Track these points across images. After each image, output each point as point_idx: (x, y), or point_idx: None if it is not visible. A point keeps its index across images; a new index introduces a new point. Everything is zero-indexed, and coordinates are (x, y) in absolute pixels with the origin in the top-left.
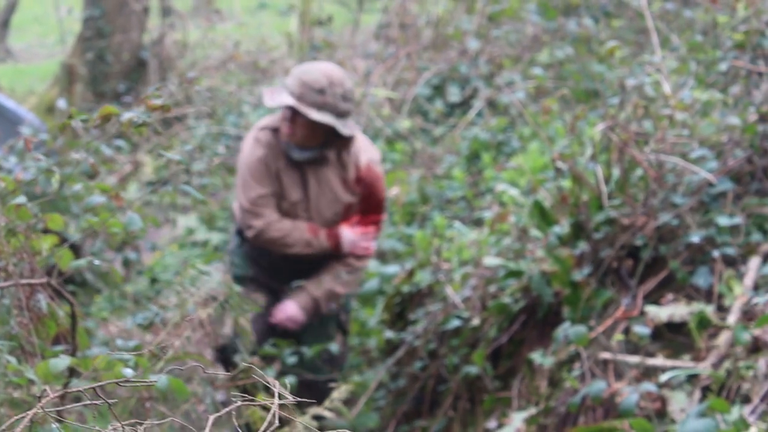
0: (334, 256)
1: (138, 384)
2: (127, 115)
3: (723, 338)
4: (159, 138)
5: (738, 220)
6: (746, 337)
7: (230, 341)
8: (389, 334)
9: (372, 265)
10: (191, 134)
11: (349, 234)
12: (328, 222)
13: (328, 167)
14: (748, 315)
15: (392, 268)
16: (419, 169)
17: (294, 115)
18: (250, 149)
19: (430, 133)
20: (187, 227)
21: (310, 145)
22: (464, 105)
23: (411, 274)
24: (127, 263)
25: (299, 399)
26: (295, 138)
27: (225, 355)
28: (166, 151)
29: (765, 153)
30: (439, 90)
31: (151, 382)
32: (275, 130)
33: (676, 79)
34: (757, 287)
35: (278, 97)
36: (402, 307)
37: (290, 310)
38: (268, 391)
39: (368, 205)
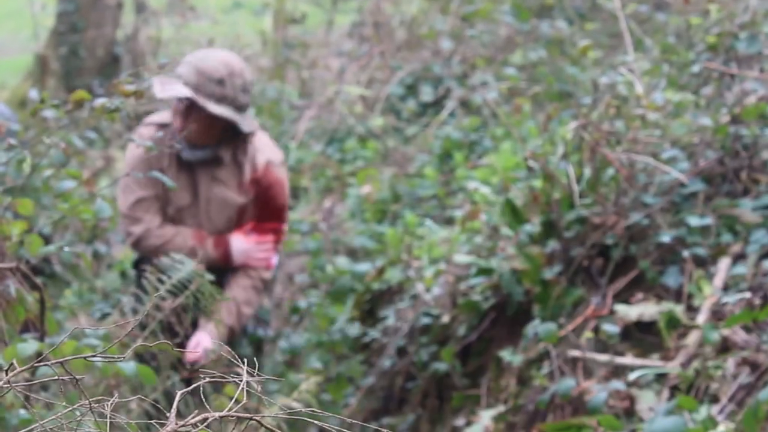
0: (230, 269)
1: (106, 360)
2: (99, 101)
3: (692, 338)
4: (130, 133)
5: (708, 220)
6: (715, 336)
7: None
8: (357, 330)
9: (343, 262)
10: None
11: (241, 242)
12: (220, 229)
13: (222, 168)
14: (718, 315)
15: (364, 266)
16: (391, 167)
17: (188, 108)
18: (132, 147)
19: (403, 132)
20: None
21: (205, 142)
22: (437, 105)
23: (381, 271)
24: (97, 256)
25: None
26: (188, 135)
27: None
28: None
29: (736, 155)
30: (412, 89)
31: (117, 358)
32: (162, 126)
33: (648, 80)
34: (726, 288)
35: (171, 88)
36: (372, 304)
37: (205, 340)
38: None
39: (265, 210)
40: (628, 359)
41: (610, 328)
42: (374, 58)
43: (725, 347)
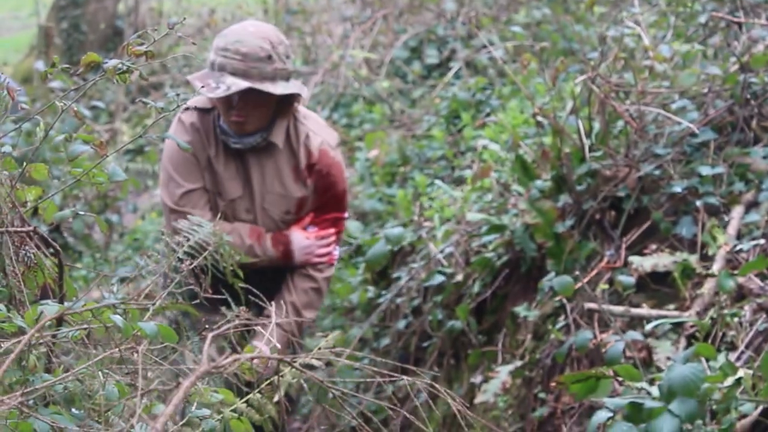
0: (289, 268)
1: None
2: (111, 62)
3: (707, 287)
4: (135, 106)
5: (720, 169)
6: (731, 285)
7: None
8: (372, 292)
9: (355, 226)
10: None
11: (302, 239)
12: (278, 223)
13: (274, 154)
14: (732, 263)
15: (396, 230)
16: (398, 130)
17: (244, 96)
18: (172, 134)
19: (409, 95)
20: None
21: (257, 127)
22: (442, 66)
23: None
24: (108, 225)
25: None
26: (248, 125)
27: None
28: (143, 119)
29: (746, 103)
30: (416, 52)
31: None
32: (205, 111)
33: (655, 32)
34: (740, 236)
35: (223, 83)
36: (384, 266)
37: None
38: None
39: (325, 199)
40: (644, 310)
41: (626, 280)
42: (377, 22)
43: (741, 295)
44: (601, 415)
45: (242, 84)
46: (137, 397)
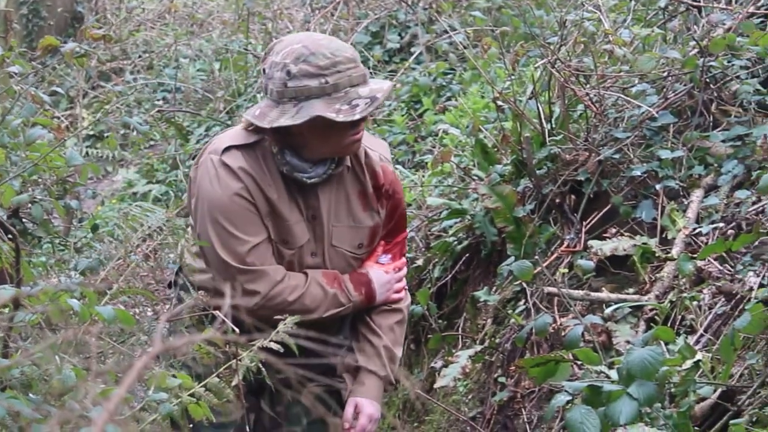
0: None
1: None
2: (69, 45)
3: (667, 270)
4: (96, 92)
5: (680, 153)
6: (690, 268)
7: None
8: None
9: None
10: (129, 87)
11: (381, 274)
12: (349, 261)
13: (337, 181)
14: (692, 247)
15: None
16: None
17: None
18: (216, 183)
19: None
20: (127, 180)
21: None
22: (403, 51)
23: None
24: (67, 210)
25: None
26: (355, 146)
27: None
28: (103, 105)
29: (706, 86)
30: (377, 37)
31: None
32: (249, 147)
33: (615, 16)
34: (699, 219)
35: (358, 98)
36: None
37: (370, 408)
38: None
39: (394, 222)
40: (603, 294)
41: (585, 264)
42: (338, 7)
43: (700, 278)
44: (560, 399)
45: (383, 86)
46: (91, 379)
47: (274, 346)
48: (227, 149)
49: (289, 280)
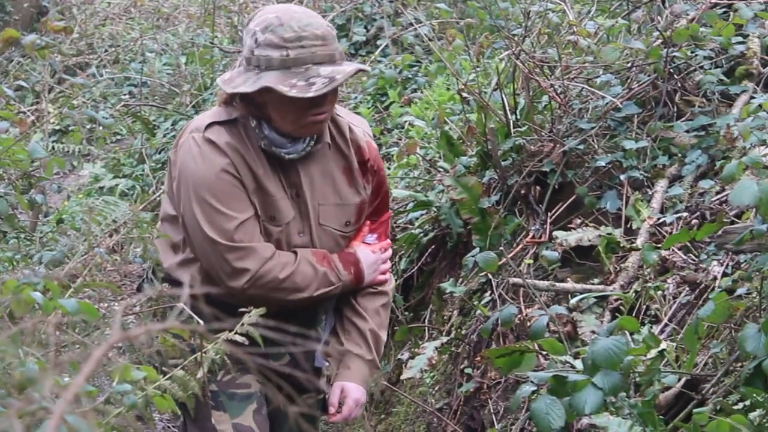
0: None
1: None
2: (29, 38)
3: (631, 260)
4: (62, 87)
5: (644, 143)
6: (654, 258)
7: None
8: None
9: None
10: (95, 82)
11: (369, 254)
12: (337, 240)
13: (319, 158)
14: (656, 237)
15: None
16: None
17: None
18: (200, 160)
19: None
20: (94, 174)
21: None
22: (369, 44)
23: None
24: (32, 205)
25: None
26: (324, 123)
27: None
28: (68, 99)
29: (669, 77)
30: (343, 30)
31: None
32: (230, 123)
33: (579, 8)
34: (664, 209)
35: (317, 76)
36: None
37: (356, 393)
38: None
39: (379, 199)
40: (568, 284)
41: (550, 254)
42: (304, 0)
43: (664, 268)
44: (525, 389)
45: (346, 69)
46: (52, 371)
47: (238, 338)
48: (210, 126)
49: (279, 257)
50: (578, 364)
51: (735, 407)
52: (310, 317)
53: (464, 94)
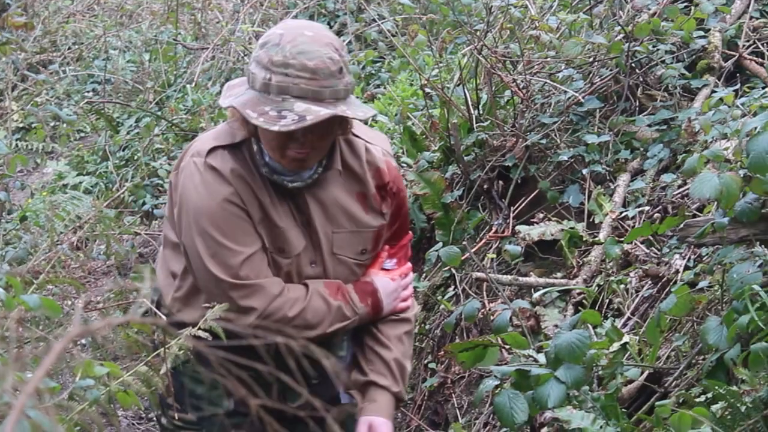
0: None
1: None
2: None
3: (594, 254)
4: (26, 84)
5: (606, 138)
6: (616, 252)
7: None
8: None
9: None
10: (55, 77)
11: (387, 283)
12: (353, 269)
13: (330, 183)
14: (618, 231)
15: None
16: None
17: (311, 126)
18: (202, 189)
19: None
20: (57, 172)
21: (318, 160)
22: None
23: None
24: None
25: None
26: (309, 160)
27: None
28: (32, 97)
29: (631, 71)
30: None
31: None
32: (235, 147)
33: (541, 2)
34: (626, 203)
35: (289, 111)
36: None
37: (384, 429)
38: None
39: (399, 222)
40: (531, 279)
41: (513, 249)
42: None
43: (627, 262)
44: (488, 383)
45: (321, 112)
46: (11, 365)
47: (202, 334)
48: (212, 150)
49: (289, 293)
50: (541, 358)
51: (697, 400)
52: (327, 351)
53: (427, 90)
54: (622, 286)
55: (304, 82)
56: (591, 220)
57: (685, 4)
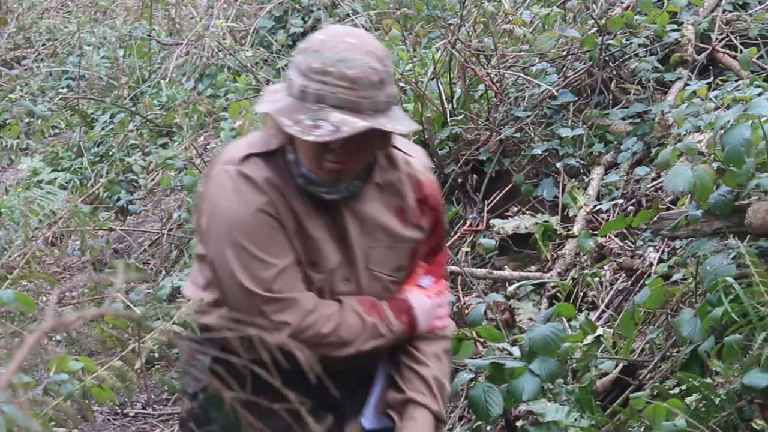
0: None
1: None
2: None
3: (568, 248)
4: None
5: (580, 131)
6: (590, 245)
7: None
8: None
9: None
10: (32, 75)
11: (423, 300)
12: (387, 286)
13: (367, 196)
14: (593, 224)
15: None
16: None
17: (349, 138)
18: (234, 198)
19: (274, 65)
20: (32, 168)
21: (356, 172)
22: (307, 36)
23: None
24: None
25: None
26: (346, 173)
27: None
28: (6, 93)
29: (605, 65)
30: (281, 21)
31: None
32: (270, 155)
33: None
34: (600, 196)
35: (324, 121)
36: None
37: None
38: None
39: (436, 238)
40: (506, 272)
41: (487, 242)
42: None
43: (601, 255)
44: (463, 376)
45: (358, 124)
46: None
47: (176, 327)
48: (246, 158)
49: (323, 309)
50: (516, 351)
51: (671, 392)
52: (359, 371)
53: (401, 84)
54: (596, 279)
55: (342, 92)
56: (565, 213)
57: None
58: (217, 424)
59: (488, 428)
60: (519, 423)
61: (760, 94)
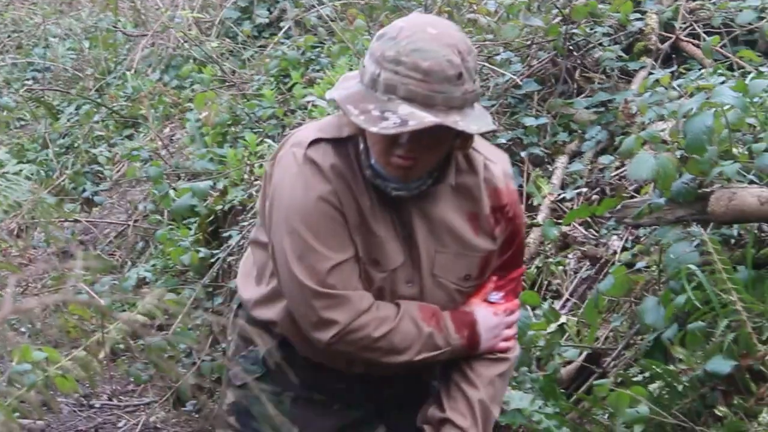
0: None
1: None
2: None
3: (533, 236)
4: None
5: (544, 120)
6: (555, 233)
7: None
8: (203, 252)
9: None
10: None
11: (489, 316)
12: (452, 296)
13: (441, 197)
14: (557, 213)
15: (204, 183)
16: (229, 90)
17: (418, 134)
18: (297, 183)
19: (239, 55)
20: None
21: (427, 170)
22: (272, 26)
23: (224, 192)
24: None
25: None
26: (415, 170)
27: None
28: None
29: (569, 54)
30: (246, 12)
31: None
32: (339, 142)
33: None
34: (564, 185)
35: (392, 113)
36: (216, 226)
37: None
38: None
39: (511, 252)
40: None
41: None
42: None
43: (565, 243)
44: None
45: (426, 119)
46: None
47: (140, 318)
48: (314, 142)
49: (378, 311)
50: None
51: (635, 379)
52: (415, 383)
53: None
54: (560, 267)
55: (414, 83)
56: (529, 202)
57: None
58: (260, 421)
59: None
60: None
61: (722, 83)
